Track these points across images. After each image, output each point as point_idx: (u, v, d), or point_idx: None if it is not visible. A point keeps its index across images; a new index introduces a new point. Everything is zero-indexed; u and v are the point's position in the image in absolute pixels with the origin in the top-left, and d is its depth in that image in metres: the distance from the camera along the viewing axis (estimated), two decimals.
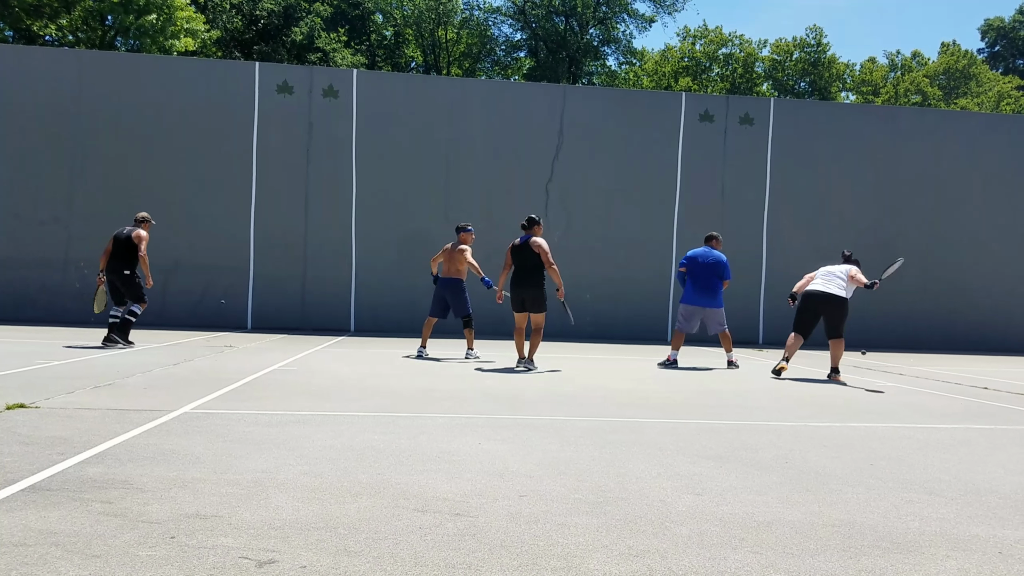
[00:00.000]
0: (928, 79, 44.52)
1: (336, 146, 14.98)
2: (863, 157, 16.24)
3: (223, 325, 14.42)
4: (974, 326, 16.41)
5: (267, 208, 14.74)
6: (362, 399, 6.31)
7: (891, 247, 15.73)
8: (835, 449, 4.89)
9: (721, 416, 6.14)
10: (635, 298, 15.59)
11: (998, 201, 16.59)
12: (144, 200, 14.42)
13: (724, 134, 15.93)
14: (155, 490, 3.39)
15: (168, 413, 5.26)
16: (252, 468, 3.84)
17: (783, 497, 3.68)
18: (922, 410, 6.94)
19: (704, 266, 10.28)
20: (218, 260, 14.54)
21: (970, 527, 3.31)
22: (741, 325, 15.83)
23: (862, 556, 2.89)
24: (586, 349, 12.80)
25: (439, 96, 15.40)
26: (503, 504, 3.38)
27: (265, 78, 14.87)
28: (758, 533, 3.12)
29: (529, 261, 9.04)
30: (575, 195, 15.50)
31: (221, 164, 14.67)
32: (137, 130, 14.50)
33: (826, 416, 6.35)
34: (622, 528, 3.11)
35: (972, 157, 16.54)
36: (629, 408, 6.35)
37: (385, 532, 2.94)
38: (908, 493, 3.85)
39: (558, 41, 42.38)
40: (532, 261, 9.02)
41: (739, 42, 44.91)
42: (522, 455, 4.37)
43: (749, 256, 15.86)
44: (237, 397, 6.14)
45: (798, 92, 44.60)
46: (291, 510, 3.17)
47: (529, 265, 9.05)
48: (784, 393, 7.85)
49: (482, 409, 5.99)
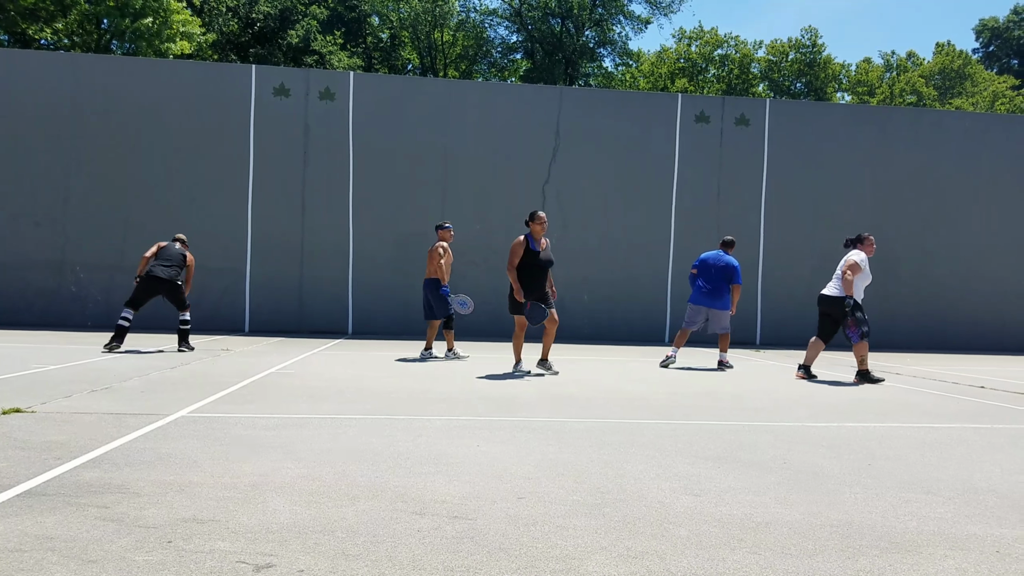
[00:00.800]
0: (923, 79, 44.63)
1: (333, 148, 14.97)
2: (859, 157, 16.27)
3: (220, 328, 14.40)
4: (971, 326, 16.44)
5: (264, 210, 14.73)
6: (359, 401, 6.30)
7: (888, 247, 15.76)
8: (833, 449, 4.90)
9: (719, 417, 6.14)
10: (633, 299, 15.60)
11: (994, 201, 16.63)
12: (140, 203, 14.43)
13: (720, 135, 15.95)
14: (152, 494, 3.38)
15: (165, 417, 5.25)
16: (249, 471, 3.83)
17: (781, 498, 3.68)
18: (919, 410, 6.94)
19: (714, 268, 10.53)
20: (215, 263, 14.52)
21: (968, 526, 3.31)
22: (738, 326, 15.86)
23: (860, 556, 2.89)
24: (583, 351, 12.80)
25: (436, 98, 15.40)
26: (502, 506, 3.37)
27: (261, 81, 14.86)
28: (756, 534, 3.11)
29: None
30: (572, 197, 15.51)
31: (218, 167, 14.66)
32: (133, 133, 14.49)
33: (824, 416, 6.36)
34: (621, 529, 3.11)
35: (968, 157, 16.58)
36: (627, 410, 6.35)
37: (383, 535, 2.94)
38: (906, 493, 3.85)
39: (554, 43, 42.42)
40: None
41: (735, 43, 45.00)
42: (520, 457, 4.36)
43: (745, 257, 15.87)
44: (234, 400, 6.13)
45: (794, 93, 44.67)
46: (289, 513, 3.17)
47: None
48: (782, 394, 7.85)
49: (479, 411, 5.99)
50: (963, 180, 16.55)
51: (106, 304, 14.26)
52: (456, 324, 11.25)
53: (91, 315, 14.28)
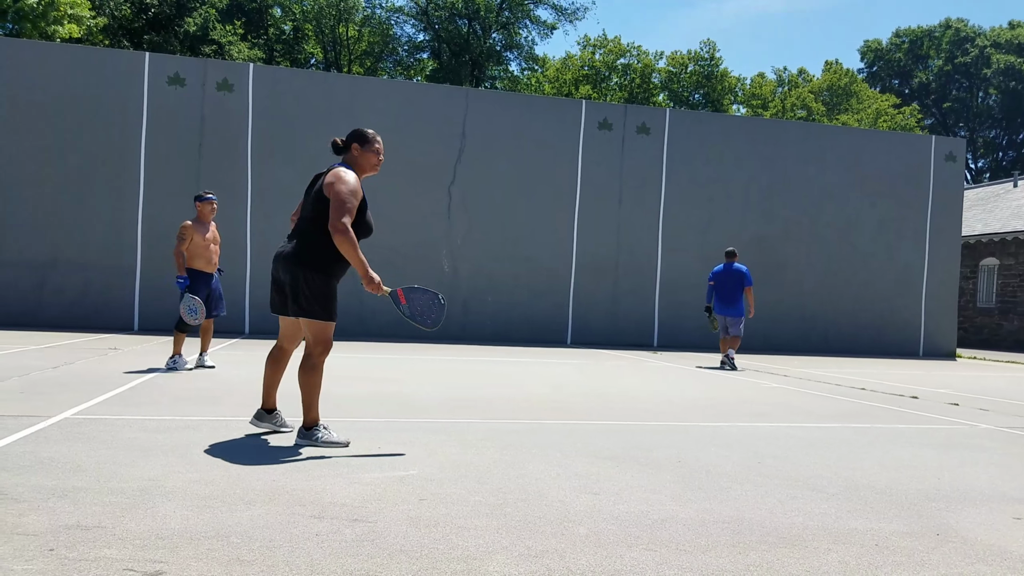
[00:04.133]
0: (813, 95, 46.77)
1: (230, 141, 14.52)
2: (753, 167, 16.93)
3: (106, 326, 13.74)
4: (853, 330, 17.36)
5: (156, 204, 14.12)
6: (253, 404, 6.12)
7: (777, 253, 16.47)
8: (725, 448, 5.08)
9: (616, 417, 6.27)
10: (535, 301, 15.75)
11: (876, 211, 17.60)
12: (22, 193, 13.62)
13: (622, 142, 16.30)
14: (32, 500, 3.19)
15: (47, 419, 4.97)
16: (138, 476, 3.67)
17: (676, 495, 3.79)
18: (805, 410, 7.28)
19: (729, 280, 11.66)
20: (102, 258, 13.86)
21: (850, 521, 3.49)
22: (637, 328, 16.25)
23: (750, 551, 3.00)
24: (487, 352, 12.83)
25: (339, 94, 15.15)
26: (403, 508, 3.35)
27: (155, 69, 14.26)
28: (652, 531, 3.20)
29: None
30: (477, 198, 15.53)
31: (107, 158, 13.98)
32: (14, 120, 13.66)
33: (716, 416, 6.58)
34: (522, 529, 3.13)
35: (853, 169, 17.49)
36: (528, 411, 6.40)
37: (280, 540, 2.87)
38: (793, 490, 4.03)
39: (461, 44, 42.41)
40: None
41: (637, 53, 46.07)
42: (422, 459, 4.34)
43: (644, 260, 16.30)
44: (122, 402, 5.86)
45: (692, 104, 46.06)
46: (180, 519, 3.05)
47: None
48: (675, 394, 8.08)
49: (378, 413, 5.92)
50: (849, 191, 17.45)
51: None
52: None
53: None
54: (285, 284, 4.54)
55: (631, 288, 16.30)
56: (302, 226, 4.59)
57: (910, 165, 17.87)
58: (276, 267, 4.62)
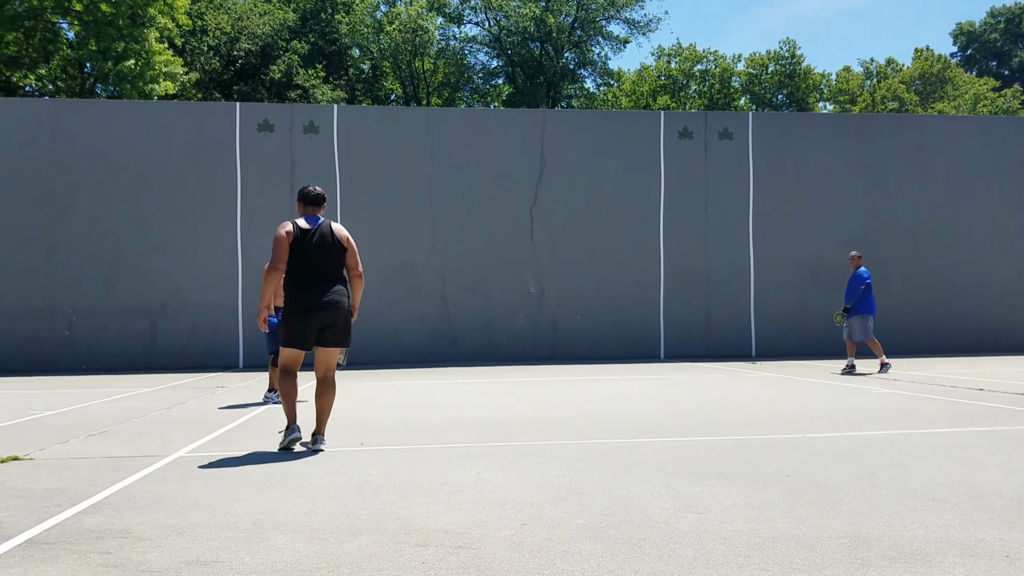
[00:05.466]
0: (904, 85, 45.07)
1: (319, 181, 14.97)
2: (844, 165, 16.37)
3: (214, 365, 14.32)
4: (964, 328, 16.46)
5: (254, 245, 14.68)
6: (348, 433, 6.25)
7: (877, 253, 15.83)
8: (834, 460, 4.89)
9: (717, 433, 6.12)
10: (625, 316, 15.60)
11: (981, 203, 16.72)
12: (128, 243, 14.38)
13: (704, 149, 16.05)
14: (153, 538, 3.34)
15: (163, 459, 5.20)
16: (251, 510, 3.80)
17: (786, 511, 3.67)
18: (918, 415, 6.94)
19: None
20: (206, 300, 14.48)
21: (976, 532, 3.30)
22: (733, 338, 15.88)
23: (869, 568, 2.87)
24: (577, 371, 12.77)
25: (420, 127, 15.47)
26: (505, 534, 3.35)
27: (246, 117, 14.89)
28: (763, 550, 3.10)
29: None
30: (560, 218, 15.54)
31: (206, 204, 14.65)
32: (119, 175, 14.45)
33: (822, 427, 6.35)
34: (627, 552, 3.09)
35: (952, 160, 16.70)
36: (625, 429, 6.33)
37: (388, 569, 2.91)
38: (911, 500, 3.84)
39: (535, 66, 42.72)
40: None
41: (714, 58, 45.40)
42: (521, 483, 4.33)
43: (736, 268, 15.94)
44: (232, 439, 6.09)
45: (776, 104, 45.04)
46: (292, 551, 3.13)
47: None
48: (778, 406, 7.84)
49: (475, 438, 5.96)
50: (949, 184, 16.64)
51: (97, 347, 14.20)
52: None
53: (83, 359, 14.20)
54: (337, 324, 5.49)
55: (724, 297, 15.96)
56: (338, 273, 5.63)
57: (1018, 149, 16.94)
58: (330, 312, 5.43)
